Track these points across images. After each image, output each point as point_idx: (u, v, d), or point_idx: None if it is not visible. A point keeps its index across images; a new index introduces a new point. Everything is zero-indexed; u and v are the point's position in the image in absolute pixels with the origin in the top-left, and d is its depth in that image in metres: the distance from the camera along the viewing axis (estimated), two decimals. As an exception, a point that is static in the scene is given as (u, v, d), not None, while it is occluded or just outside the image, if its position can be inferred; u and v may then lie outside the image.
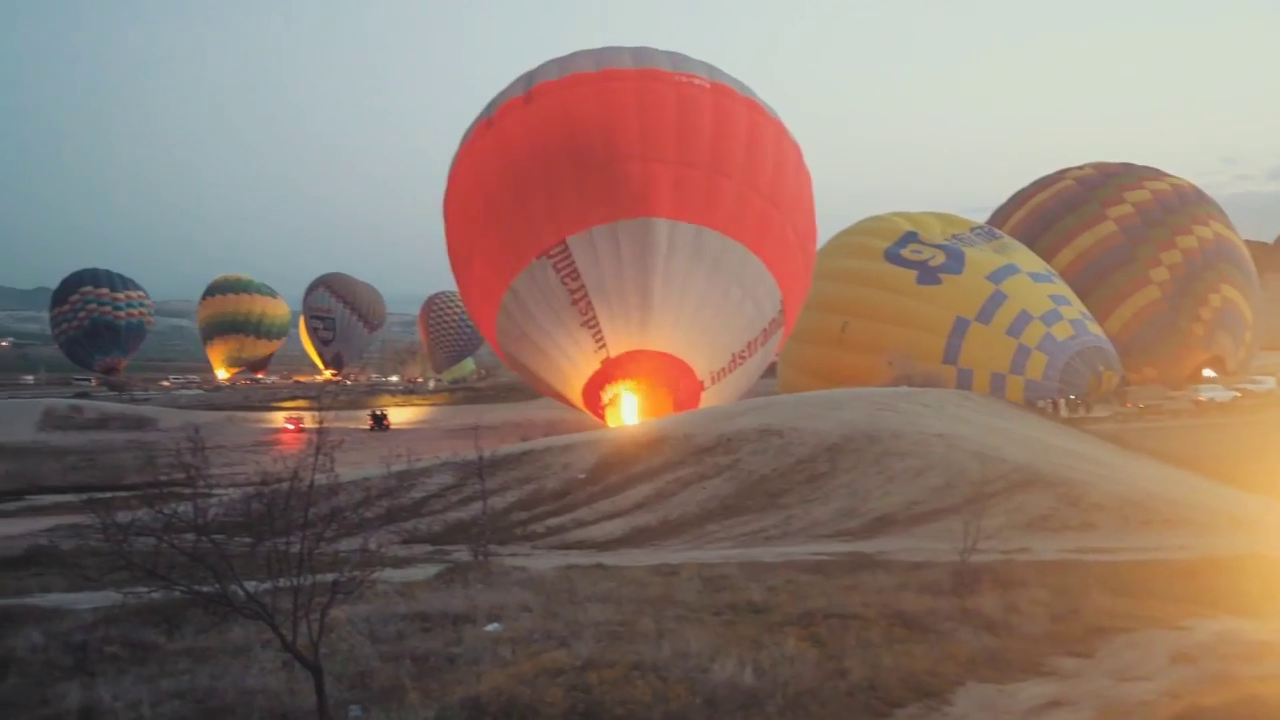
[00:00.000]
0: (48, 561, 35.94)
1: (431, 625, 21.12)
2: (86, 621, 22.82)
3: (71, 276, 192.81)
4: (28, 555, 37.31)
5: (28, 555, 37.31)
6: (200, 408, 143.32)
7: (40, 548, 39.13)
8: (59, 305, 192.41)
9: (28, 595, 28.79)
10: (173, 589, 16.99)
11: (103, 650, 20.14)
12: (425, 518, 46.46)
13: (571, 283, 71.62)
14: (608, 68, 74.25)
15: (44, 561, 36.02)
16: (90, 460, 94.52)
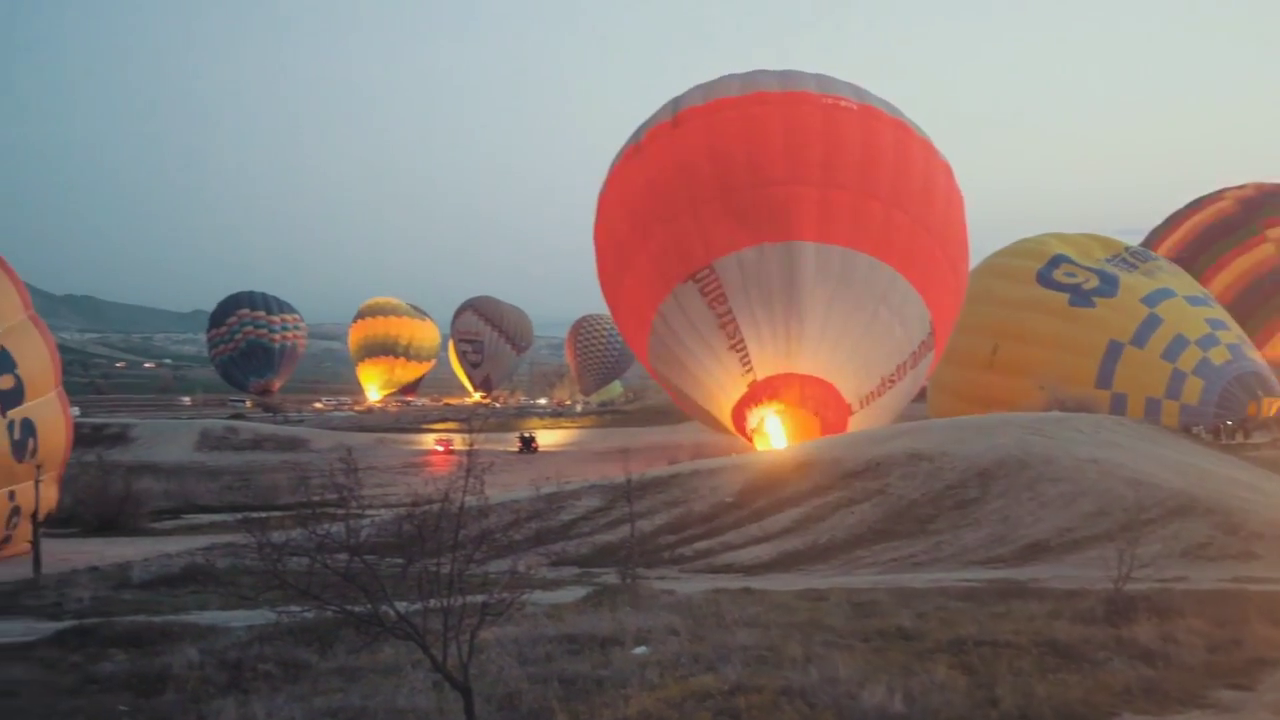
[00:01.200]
0: (204, 580, 36.63)
1: (579, 648, 21.18)
2: (241, 639, 23.20)
3: (228, 299, 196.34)
4: (185, 573, 38.05)
5: (185, 573, 38.05)
6: (352, 429, 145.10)
7: (197, 566, 39.88)
8: (216, 327, 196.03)
9: (185, 613, 29.37)
10: (325, 609, 17.21)
11: (257, 668, 20.45)
12: (573, 540, 46.62)
13: (718, 306, 71.58)
14: (753, 91, 74.16)
15: (200, 580, 36.71)
16: (245, 480, 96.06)
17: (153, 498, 73.45)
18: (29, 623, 29.71)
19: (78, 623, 26.57)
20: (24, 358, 48.86)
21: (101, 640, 24.10)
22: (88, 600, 33.07)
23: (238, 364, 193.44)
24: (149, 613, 29.13)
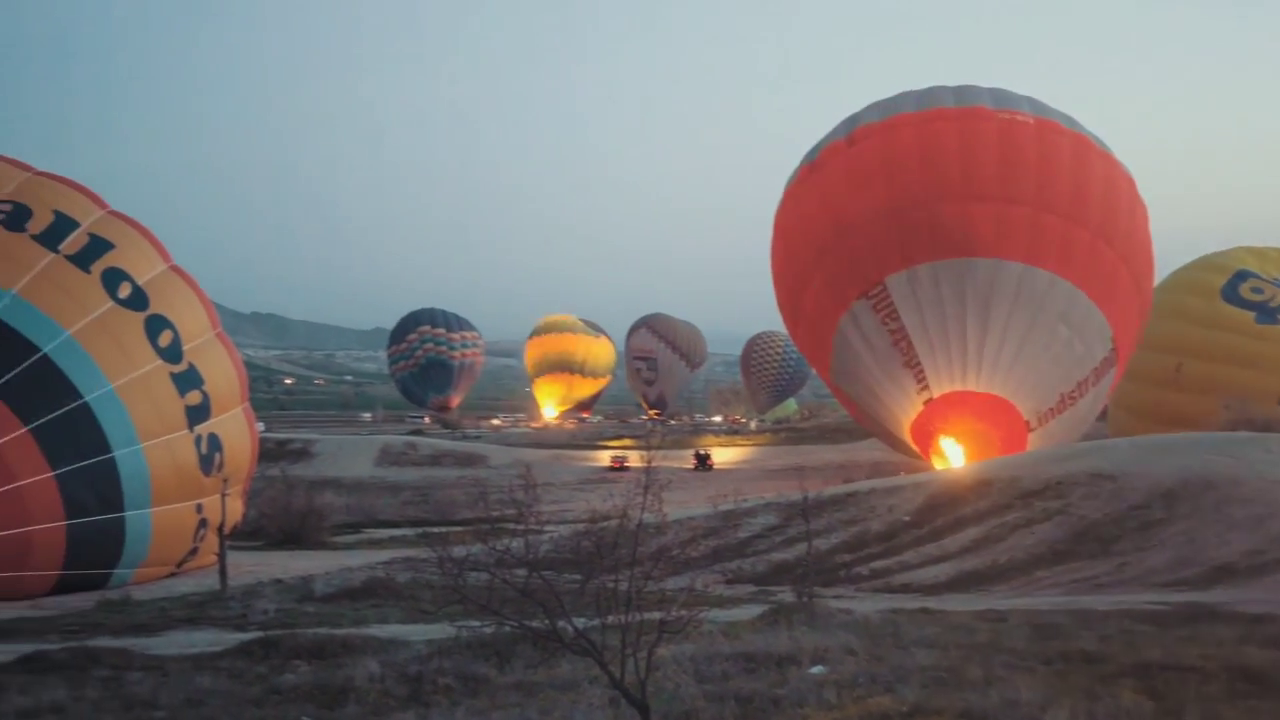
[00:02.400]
0: (384, 593, 37.10)
1: (756, 666, 21.07)
2: (421, 653, 23.44)
3: (409, 316, 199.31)
4: (366, 587, 38.60)
5: (366, 587, 38.60)
6: (529, 446, 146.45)
7: (378, 580, 40.43)
8: (396, 344, 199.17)
9: (366, 626, 29.76)
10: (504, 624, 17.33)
11: (436, 682, 20.65)
12: (749, 558, 46.53)
13: (891, 323, 71.17)
14: (929, 108, 73.66)
15: (381, 593, 37.20)
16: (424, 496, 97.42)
17: (334, 512, 74.75)
18: (216, 633, 30.35)
19: (262, 634, 27.05)
20: (211, 374, 50.02)
21: (285, 652, 24.52)
22: (272, 612, 33.69)
23: (417, 380, 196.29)
24: (331, 625, 29.59)
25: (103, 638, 29.56)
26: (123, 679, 21.99)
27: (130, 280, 48.87)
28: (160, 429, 46.99)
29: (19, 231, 47.91)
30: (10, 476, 42.75)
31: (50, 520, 43.50)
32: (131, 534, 46.07)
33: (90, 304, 47.22)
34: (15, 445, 43.28)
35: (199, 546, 49.08)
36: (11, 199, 48.98)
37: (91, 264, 48.29)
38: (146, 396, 46.97)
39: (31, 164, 52.62)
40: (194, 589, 43.61)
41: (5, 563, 42.09)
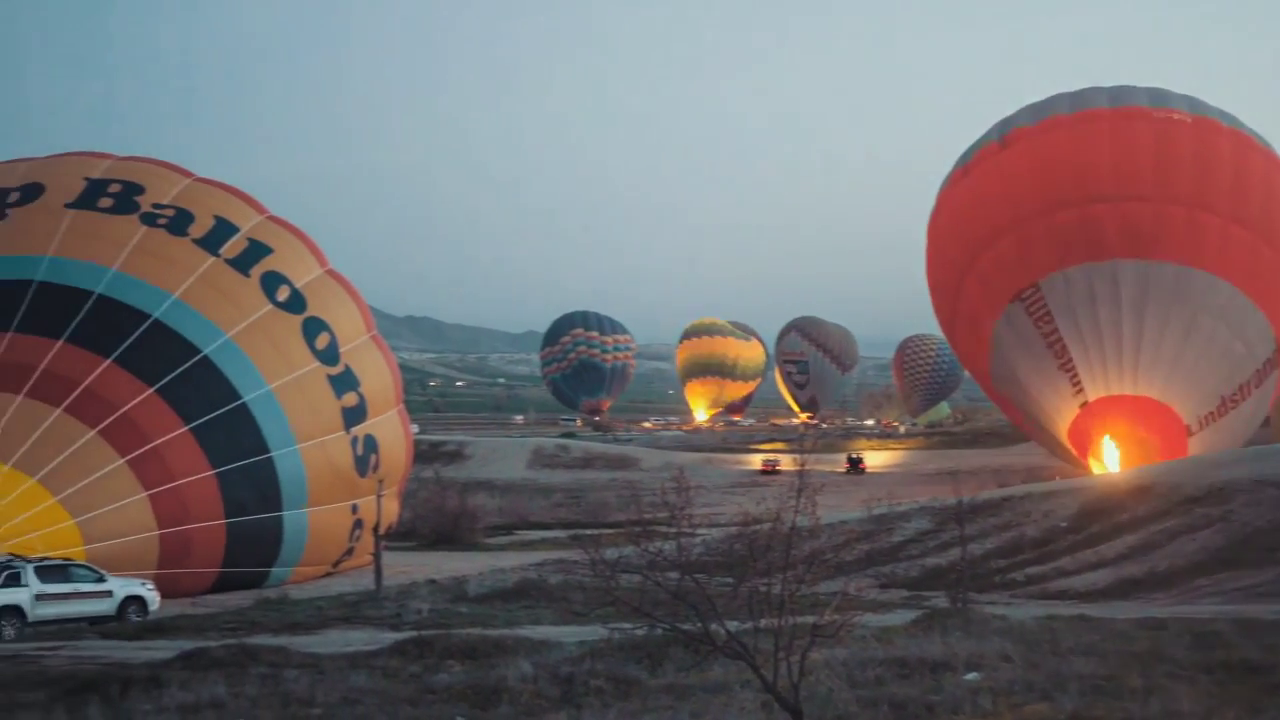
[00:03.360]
0: (537, 595, 37.32)
1: (909, 671, 20.85)
2: (573, 654, 23.51)
3: (563, 318, 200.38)
4: (518, 588, 38.85)
5: (518, 588, 38.85)
6: (680, 449, 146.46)
7: (530, 581, 40.69)
8: (549, 346, 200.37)
9: (518, 626, 29.93)
10: (657, 626, 17.30)
11: (589, 683, 20.67)
12: (903, 562, 46.15)
13: (1044, 326, 70.25)
14: (1083, 109, 72.57)
15: (533, 594, 37.42)
16: (575, 498, 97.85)
17: (487, 513, 75.39)
18: (371, 632, 30.72)
19: (416, 634, 27.31)
20: (367, 376, 50.65)
21: (439, 651, 24.72)
22: (426, 612, 34.03)
23: (570, 383, 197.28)
24: (484, 626, 29.80)
25: (261, 635, 30.06)
26: (280, 676, 22.30)
27: (288, 284, 49.67)
28: (317, 430, 47.69)
29: (181, 236, 48.94)
30: (171, 475, 43.65)
31: (210, 519, 44.35)
32: (289, 533, 46.81)
33: (249, 307, 48.08)
34: (176, 444, 44.19)
35: (354, 546, 49.69)
36: (174, 204, 50.04)
37: (251, 268, 49.17)
38: (304, 398, 47.69)
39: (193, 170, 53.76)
40: (349, 588, 44.20)
41: (167, 560, 42.96)
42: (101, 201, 49.55)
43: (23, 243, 47.78)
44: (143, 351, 45.18)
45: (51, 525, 40.98)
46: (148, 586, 37.47)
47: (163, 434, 44.04)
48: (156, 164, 53.92)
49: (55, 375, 43.90)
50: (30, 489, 41.37)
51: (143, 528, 42.71)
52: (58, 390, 43.61)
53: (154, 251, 48.09)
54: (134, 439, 43.50)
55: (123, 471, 42.86)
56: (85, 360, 44.50)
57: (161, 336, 45.81)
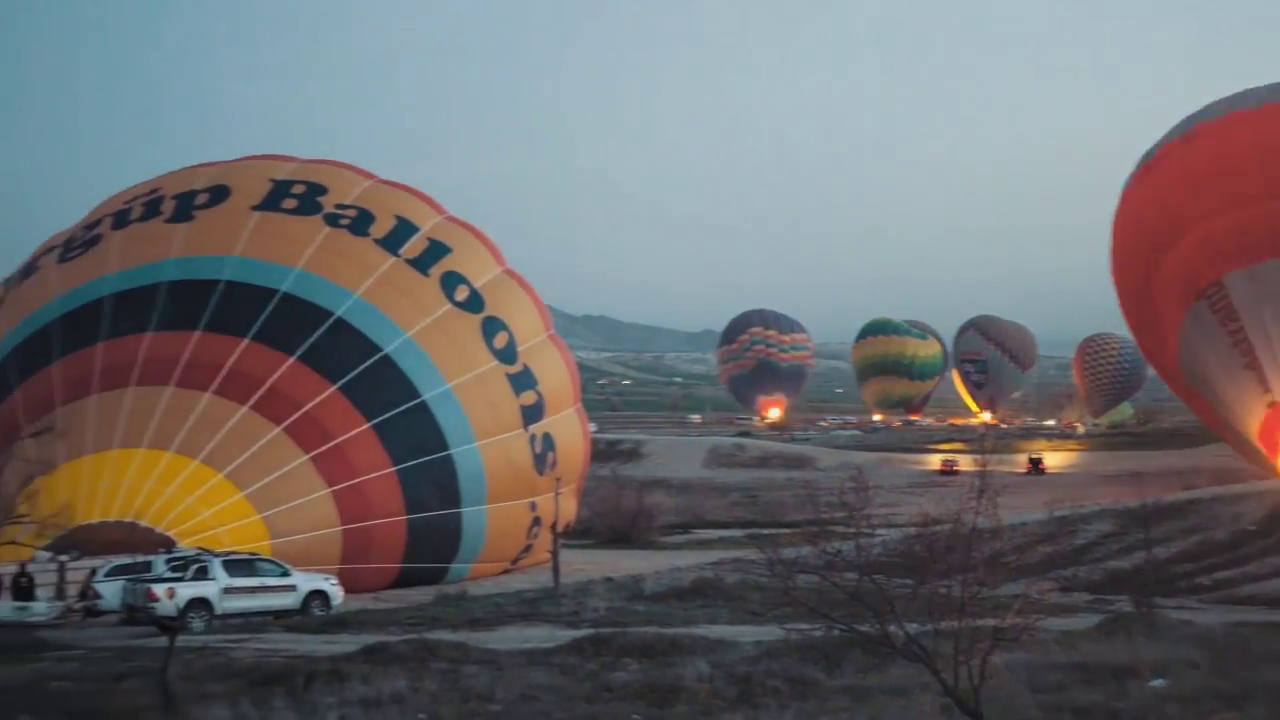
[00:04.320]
0: (713, 594, 37.26)
1: (1093, 677, 20.45)
2: (749, 654, 23.42)
3: (741, 317, 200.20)
4: (695, 587, 38.82)
5: (695, 587, 38.82)
6: (856, 448, 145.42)
7: (706, 580, 40.63)
8: (727, 344, 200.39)
9: (695, 626, 29.90)
10: (834, 627, 17.15)
11: (765, 684, 20.58)
12: (1084, 565, 45.33)
13: (1230, 324, 68.41)
14: (1270, 103, 70.59)
15: (710, 594, 37.36)
16: (752, 497, 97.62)
17: (663, 512, 75.50)
18: (549, 629, 30.90)
19: (594, 631, 27.41)
20: (545, 375, 51.00)
21: (616, 649, 24.77)
22: (603, 610, 34.14)
23: (747, 381, 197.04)
24: (660, 624, 29.81)
25: (441, 631, 30.38)
26: (460, 672, 22.51)
27: (467, 283, 50.21)
28: (496, 428, 48.13)
29: (362, 236, 49.76)
30: (353, 471, 44.38)
31: (391, 515, 44.99)
32: (468, 530, 47.30)
33: (429, 306, 48.71)
34: (358, 441, 44.92)
35: (532, 544, 50.05)
36: (356, 205, 50.89)
37: (430, 267, 49.81)
38: (483, 396, 48.17)
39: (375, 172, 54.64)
40: (528, 585, 44.52)
41: (349, 555, 43.65)
42: (286, 203, 50.59)
43: (210, 243, 48.98)
44: (325, 349, 46.03)
45: (238, 520, 41.92)
46: (331, 581, 38.04)
47: (345, 431, 44.80)
48: (339, 165, 54.90)
49: (241, 373, 44.92)
50: (218, 484, 42.36)
51: (326, 523, 43.49)
52: (244, 388, 44.61)
53: (336, 251, 48.99)
54: (317, 436, 44.32)
55: (306, 468, 43.70)
56: (270, 358, 45.47)
57: (344, 335, 46.62)
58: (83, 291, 48.60)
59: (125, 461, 42.67)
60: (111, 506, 41.46)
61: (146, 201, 52.28)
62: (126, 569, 37.29)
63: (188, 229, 49.96)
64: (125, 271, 48.71)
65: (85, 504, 41.02)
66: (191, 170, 54.87)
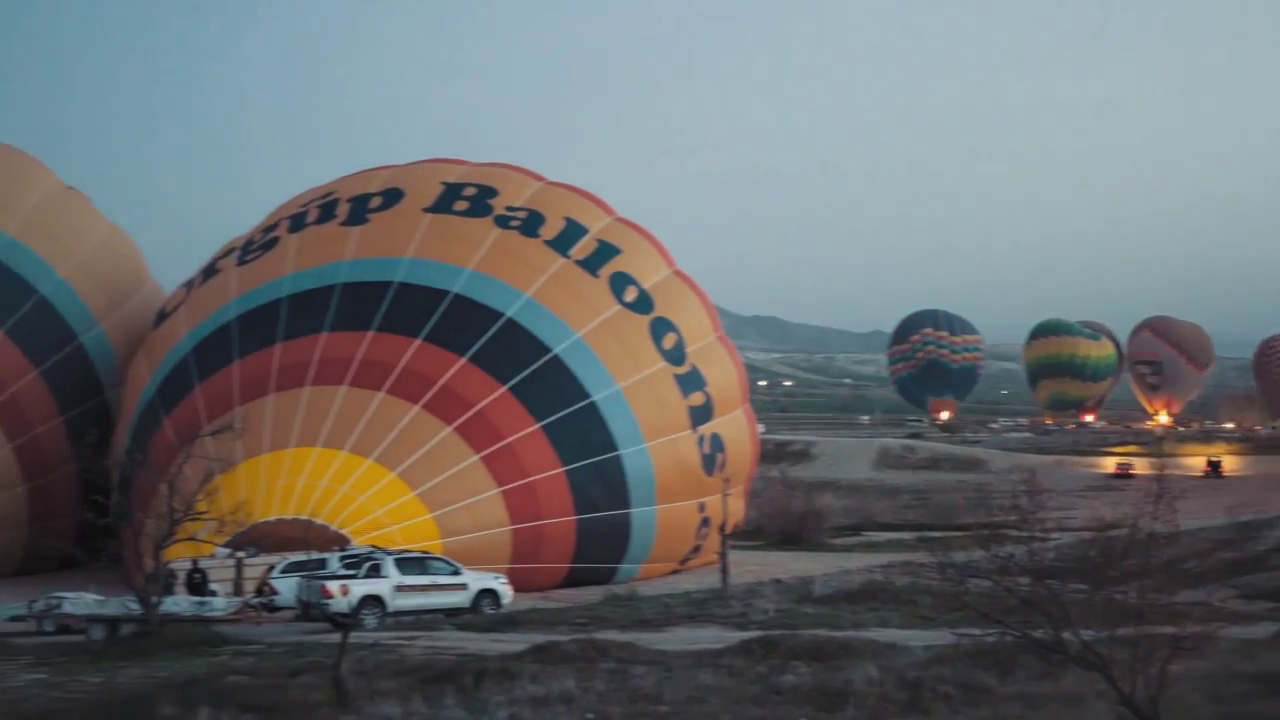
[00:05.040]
0: (883, 597, 36.95)
1: (1276, 688, 19.88)
2: (919, 659, 23.14)
3: (912, 317, 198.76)
4: (864, 590, 38.54)
5: (864, 590, 38.54)
6: (1029, 451, 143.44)
7: (876, 583, 40.32)
8: (898, 344, 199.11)
9: (864, 629, 29.65)
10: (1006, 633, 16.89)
11: (936, 689, 20.31)
12: (1267, 572, 44.23)
13: None
14: None
15: (879, 596, 37.06)
16: (922, 500, 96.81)
17: (833, 514, 75.06)
18: (717, 631, 30.82)
19: (762, 633, 27.28)
20: (713, 376, 50.98)
21: (785, 652, 24.60)
22: (771, 612, 33.98)
23: (917, 382, 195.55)
24: (829, 627, 29.61)
25: (609, 631, 30.45)
26: (628, 672, 22.53)
27: (637, 284, 50.40)
28: (664, 428, 48.24)
29: (533, 237, 50.23)
30: (523, 471, 44.78)
31: (561, 515, 45.31)
32: (637, 530, 47.47)
33: (598, 307, 49.00)
34: (528, 441, 45.32)
35: (701, 545, 50.04)
36: (526, 206, 51.38)
37: (600, 268, 50.09)
38: (651, 397, 48.30)
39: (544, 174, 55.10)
40: (696, 586, 44.50)
41: (520, 554, 44.04)
42: (457, 205, 51.27)
43: (384, 245, 49.84)
44: (496, 350, 46.54)
45: (410, 519, 42.52)
46: (501, 580, 38.33)
47: (515, 431, 45.24)
48: (509, 168, 55.48)
49: (414, 373, 45.62)
50: (391, 483, 43.03)
51: (496, 523, 43.94)
52: (416, 387, 45.29)
53: (507, 252, 49.53)
54: (488, 436, 44.82)
55: (477, 467, 44.20)
56: (442, 358, 46.11)
57: (514, 335, 47.09)
58: (260, 293, 49.80)
59: (301, 460, 43.56)
60: (288, 504, 42.36)
61: (322, 205, 53.36)
62: (301, 566, 38.04)
63: (362, 231, 50.89)
64: (301, 273, 49.81)
65: (262, 501, 41.97)
66: (366, 174, 55.90)
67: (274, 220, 54.87)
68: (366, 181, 54.45)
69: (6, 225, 54.25)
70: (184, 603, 35.52)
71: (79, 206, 59.76)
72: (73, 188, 60.41)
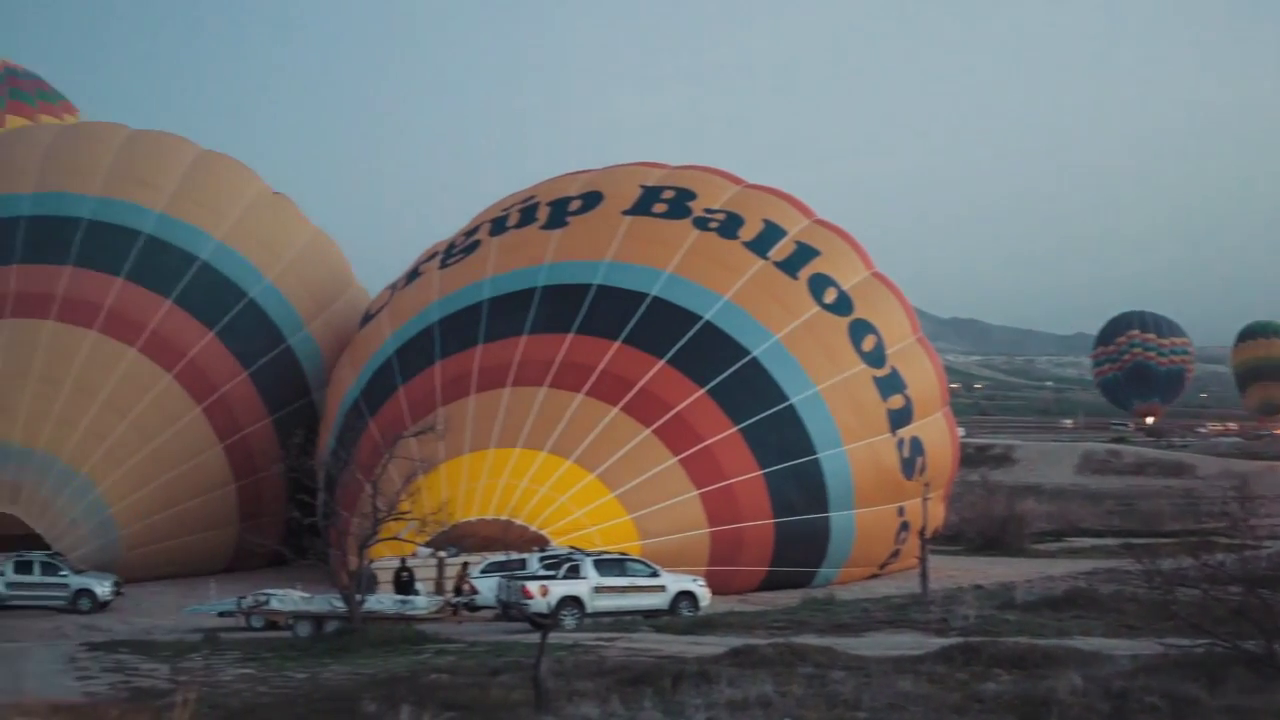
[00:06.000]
0: (1086, 604, 36.19)
1: None
2: (1125, 669, 22.64)
3: (1119, 318, 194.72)
4: (1067, 597, 37.80)
5: (1067, 597, 37.80)
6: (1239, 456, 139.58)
7: (1080, 590, 39.52)
8: (1103, 346, 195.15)
9: (1068, 637, 29.10)
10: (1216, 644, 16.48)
11: (1142, 700, 19.85)
12: None
13: None
14: None
15: (1083, 604, 36.29)
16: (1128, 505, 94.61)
17: (1034, 519, 73.86)
18: (917, 637, 30.53)
19: (963, 640, 26.94)
20: (913, 379, 50.50)
21: (986, 659, 24.27)
22: (972, 618, 33.53)
23: (1122, 385, 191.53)
24: (1032, 634, 29.12)
25: (808, 635, 30.34)
26: (826, 677, 22.41)
27: (836, 286, 50.17)
28: (863, 432, 47.92)
29: (731, 239, 50.28)
30: (722, 474, 44.84)
31: (759, 518, 45.27)
32: (835, 534, 47.24)
33: (797, 309, 48.87)
34: (726, 444, 45.37)
35: (900, 549, 49.65)
36: (725, 209, 51.46)
37: (799, 270, 49.95)
38: (850, 400, 48.03)
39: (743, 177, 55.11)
40: (895, 591, 44.16)
41: (717, 557, 44.10)
42: (656, 207, 51.53)
43: (584, 248, 50.30)
44: (694, 352, 46.69)
45: (609, 520, 42.83)
46: (699, 583, 38.40)
47: (713, 434, 45.32)
48: (707, 171, 55.64)
49: (613, 375, 45.96)
50: (590, 484, 43.41)
51: (694, 525, 44.06)
52: (615, 390, 45.61)
53: (706, 254, 49.65)
54: (686, 438, 44.97)
55: (675, 470, 44.38)
56: (641, 361, 46.38)
57: (712, 338, 47.19)
58: (461, 295, 50.63)
59: (502, 460, 44.14)
60: (488, 504, 42.99)
61: (523, 209, 54.04)
62: (501, 566, 38.54)
63: (561, 234, 51.42)
64: (502, 276, 50.55)
65: (463, 501, 42.65)
66: (566, 177, 56.48)
67: (476, 224, 55.73)
68: (566, 185, 54.99)
69: (216, 230, 55.86)
70: (387, 601, 36.22)
71: (286, 211, 61.27)
72: (280, 193, 61.92)
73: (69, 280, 52.59)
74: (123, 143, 59.07)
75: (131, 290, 53.04)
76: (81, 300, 52.13)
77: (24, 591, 43.83)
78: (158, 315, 52.86)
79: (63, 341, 51.00)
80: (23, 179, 55.47)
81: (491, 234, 53.52)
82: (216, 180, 59.02)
